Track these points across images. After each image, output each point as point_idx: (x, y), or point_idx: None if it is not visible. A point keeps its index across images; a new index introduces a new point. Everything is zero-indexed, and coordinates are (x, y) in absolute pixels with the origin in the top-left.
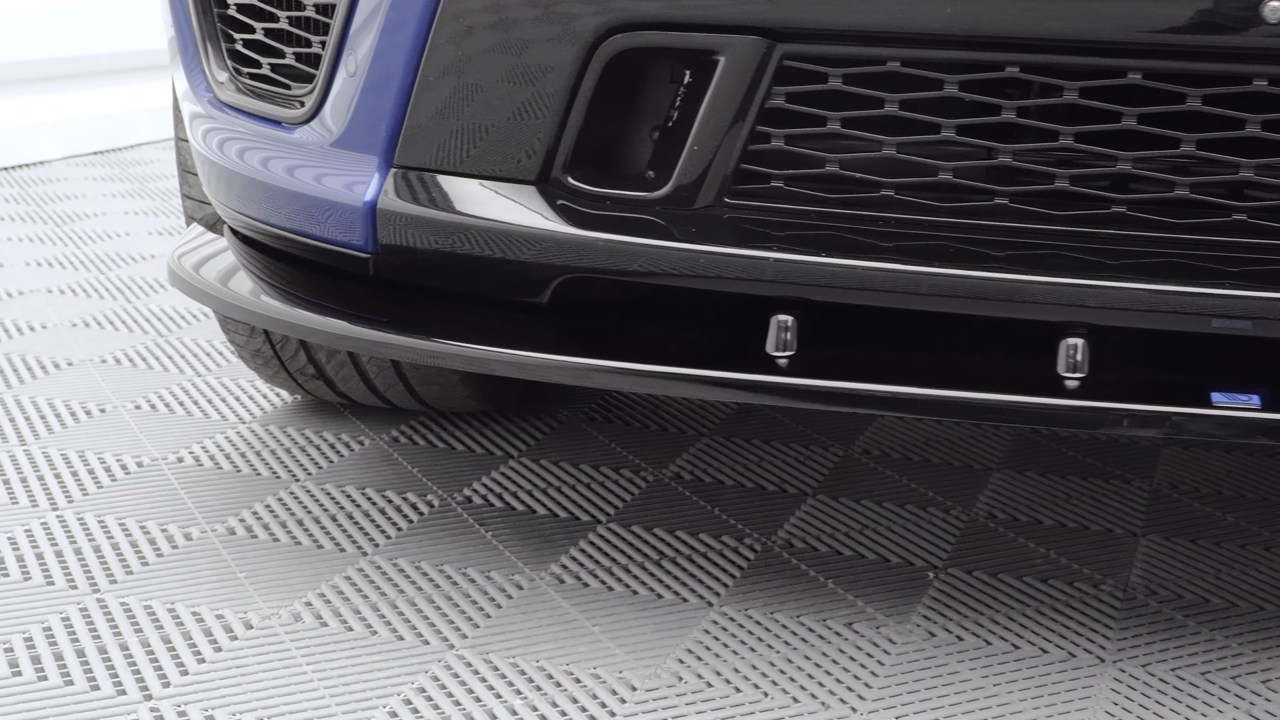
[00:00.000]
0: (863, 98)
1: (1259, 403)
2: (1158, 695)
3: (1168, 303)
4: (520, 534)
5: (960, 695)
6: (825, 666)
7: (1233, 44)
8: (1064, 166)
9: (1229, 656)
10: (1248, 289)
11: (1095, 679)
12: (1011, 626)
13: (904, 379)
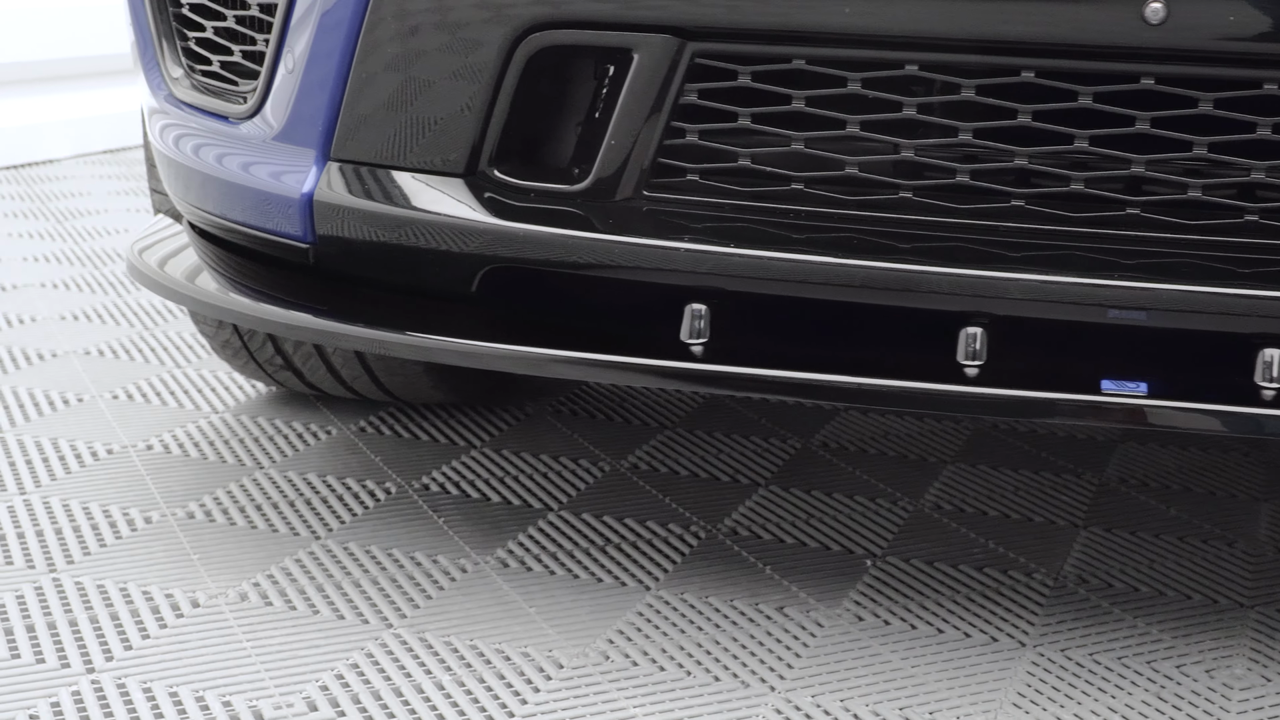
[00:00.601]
0: (771, 94)
1: (1146, 390)
2: (1071, 678)
3: (1063, 293)
4: (472, 520)
5: (878, 675)
6: (750, 648)
7: (1117, 43)
8: (965, 161)
9: (1148, 642)
10: (1140, 280)
11: (1013, 662)
12: (939, 612)
13: (809, 366)
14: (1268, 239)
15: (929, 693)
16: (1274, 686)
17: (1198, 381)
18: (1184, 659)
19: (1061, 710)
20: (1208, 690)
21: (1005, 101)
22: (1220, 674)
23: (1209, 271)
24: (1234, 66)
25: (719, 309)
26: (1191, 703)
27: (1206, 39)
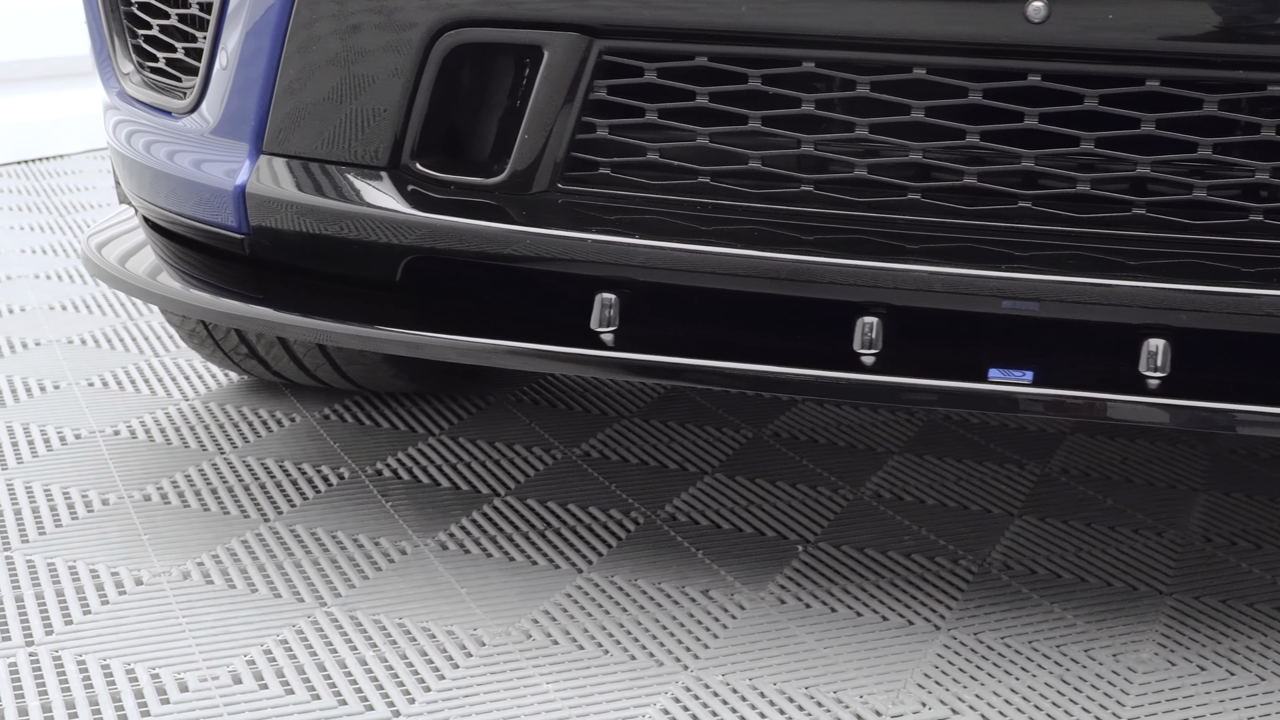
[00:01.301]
0: (676, 90)
1: (1031, 379)
2: (979, 660)
3: (954, 284)
4: (419, 504)
5: (790, 656)
6: (671, 628)
7: (1003, 40)
8: (864, 156)
9: (1061, 627)
10: (1031, 272)
11: (925, 645)
12: (861, 596)
13: (714, 353)
14: (1155, 232)
15: (837, 673)
16: (1177, 670)
17: (1084, 371)
18: (1093, 643)
19: (964, 690)
20: (1111, 674)
21: (900, 98)
22: (1126, 658)
23: (1095, 263)
24: (1116, 63)
25: (628, 298)
26: (1093, 685)
27: (1088, 36)
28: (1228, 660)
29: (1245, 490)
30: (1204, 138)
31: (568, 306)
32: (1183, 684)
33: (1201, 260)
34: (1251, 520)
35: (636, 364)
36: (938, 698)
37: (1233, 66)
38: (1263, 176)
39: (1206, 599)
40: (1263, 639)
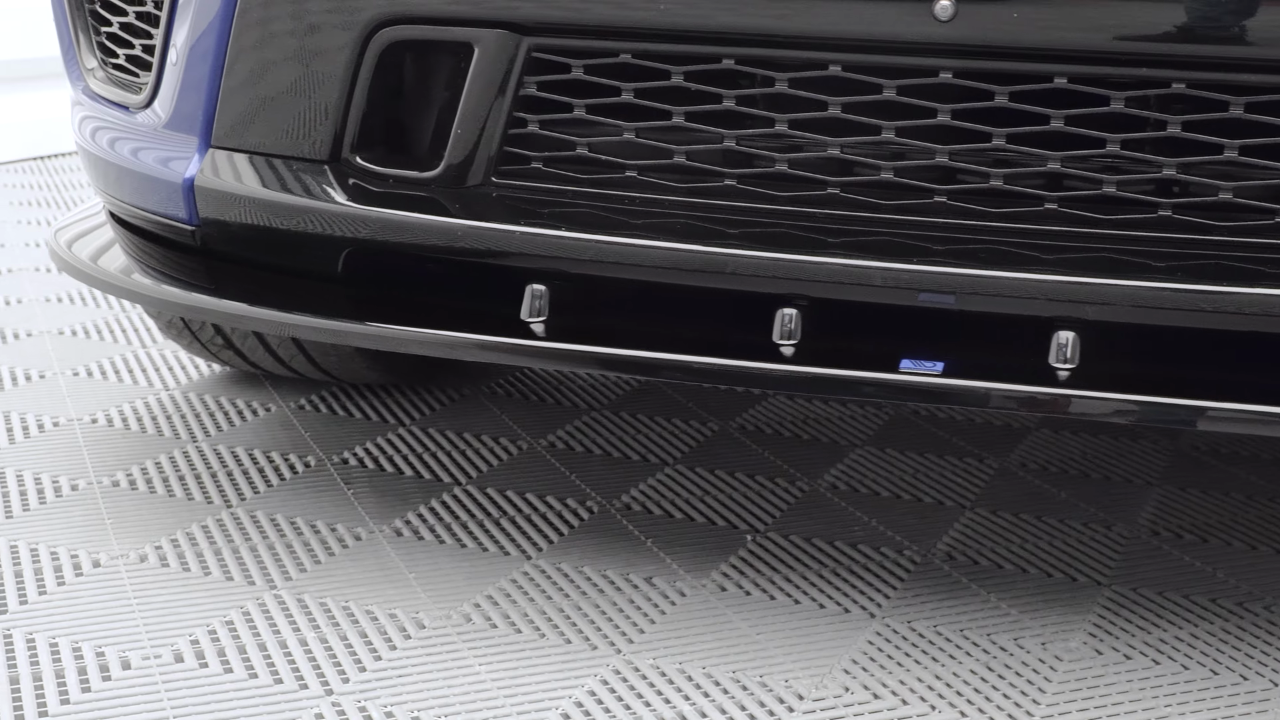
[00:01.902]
0: (603, 87)
1: (941, 369)
2: (908, 648)
3: (871, 277)
4: (379, 492)
5: (721, 641)
6: (610, 614)
7: (913, 39)
8: (785, 150)
9: (994, 616)
10: (942, 265)
11: (857, 632)
12: (801, 584)
13: (640, 343)
14: (1066, 226)
15: (766, 658)
16: (1103, 659)
17: (995, 362)
18: (1024, 632)
19: (888, 676)
20: (1037, 661)
21: (817, 94)
22: (1054, 646)
23: (1009, 257)
24: (1024, 61)
25: (557, 289)
26: (1017, 672)
27: (994, 34)
28: (1155, 650)
29: (1201, 485)
30: (1112, 134)
31: (499, 297)
32: (1106, 672)
33: (1111, 254)
34: (1202, 515)
35: (565, 353)
36: (861, 682)
37: (1138, 64)
38: (1170, 172)
39: (1144, 590)
40: (1193, 629)
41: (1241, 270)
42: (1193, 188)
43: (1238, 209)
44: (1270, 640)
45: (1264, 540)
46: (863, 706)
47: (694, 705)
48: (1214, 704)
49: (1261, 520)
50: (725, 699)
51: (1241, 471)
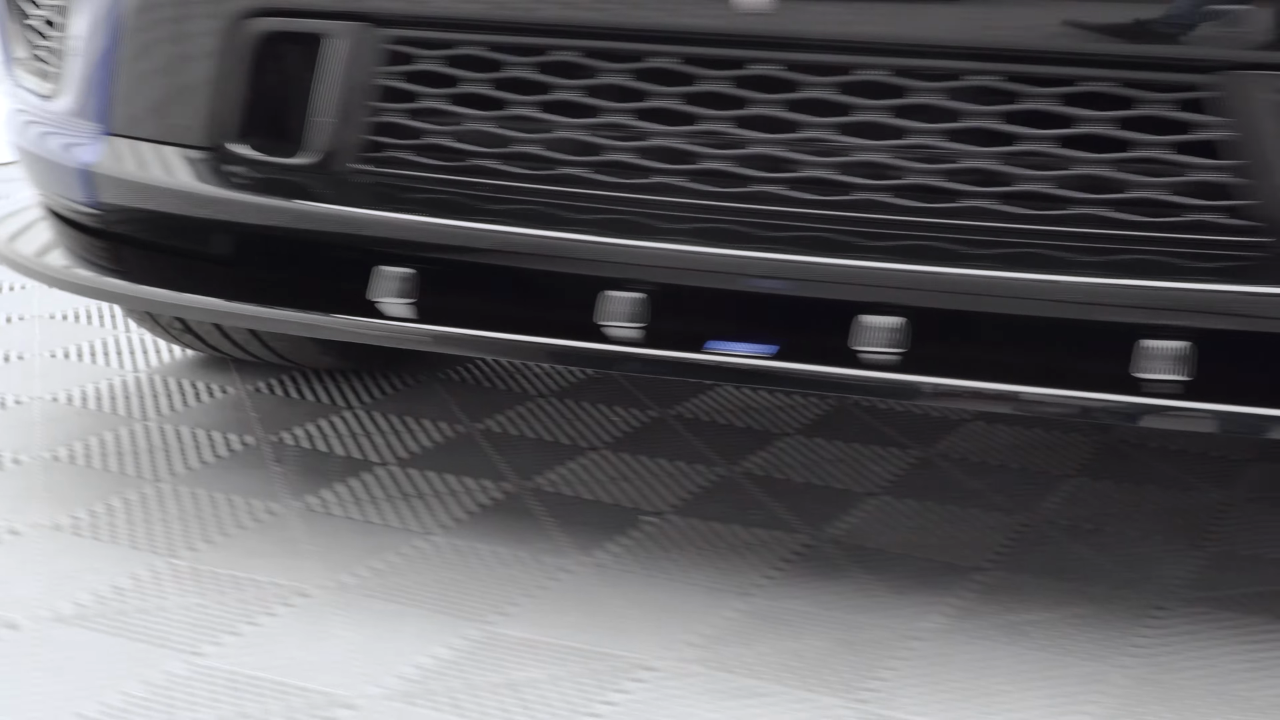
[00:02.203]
0: (451, 77)
1: (746, 350)
2: (768, 625)
3: (703, 262)
4: (304, 470)
5: (581, 612)
6: (489, 588)
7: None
8: (627, 139)
9: (862, 597)
10: (773, 252)
11: (717, 607)
12: (682, 562)
13: (480, 323)
14: (879, 214)
15: (621, 630)
16: (955, 639)
17: (811, 345)
18: (887, 612)
19: (742, 650)
20: (890, 640)
21: (640, 84)
22: (913, 626)
23: (820, 243)
24: (833, 53)
25: (404, 271)
26: (869, 650)
27: (794, 27)
28: (1011, 631)
29: (1116, 477)
30: (923, 124)
31: (350, 278)
32: (955, 652)
33: (927, 242)
34: (1106, 505)
35: (408, 332)
36: (713, 655)
37: (935, 56)
38: (984, 163)
39: (1021, 576)
40: (1057, 614)
41: (1046, 258)
42: (1004, 178)
43: (1044, 198)
44: (1129, 626)
45: (1159, 530)
46: (709, 678)
47: (543, 671)
48: (1055, 685)
49: (1164, 511)
50: (576, 666)
51: (1166, 464)
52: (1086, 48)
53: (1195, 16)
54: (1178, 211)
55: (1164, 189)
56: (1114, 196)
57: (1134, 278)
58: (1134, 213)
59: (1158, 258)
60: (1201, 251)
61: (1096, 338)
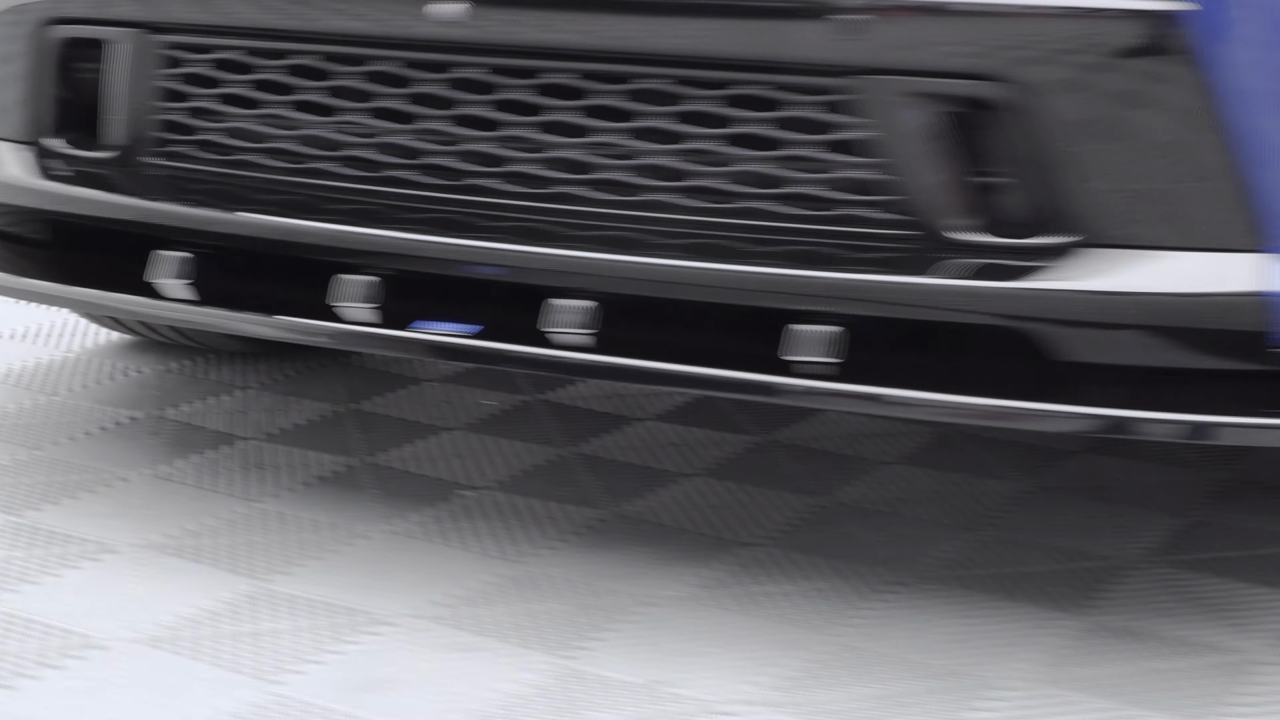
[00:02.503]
0: (218, 79)
1: (452, 330)
2: (527, 588)
3: (417, 248)
4: (173, 442)
5: (358, 574)
6: (287, 550)
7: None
8: (358, 137)
9: (621, 565)
10: (477, 240)
11: (480, 572)
12: (483, 534)
13: (234, 304)
14: (576, 206)
15: (414, 587)
16: (685, 602)
17: (509, 326)
18: (632, 579)
19: (480, 611)
20: (619, 603)
21: (369, 86)
22: (646, 593)
23: (517, 232)
24: (524, 58)
25: (179, 254)
26: (590, 610)
27: (487, 34)
28: (744, 600)
29: (935, 465)
30: (609, 124)
31: (133, 260)
32: (681, 616)
33: (613, 232)
34: (910, 491)
35: (177, 311)
36: (443, 611)
37: (611, 61)
38: (660, 160)
39: (786, 552)
40: (791, 586)
41: (718, 248)
42: (681, 173)
43: (719, 193)
44: (862, 599)
45: (947, 514)
46: (438, 633)
47: (289, 623)
48: (755, 650)
49: (962, 497)
50: (321, 620)
51: (991, 454)
52: (742, 53)
53: (829, 24)
54: (838, 206)
55: (825, 186)
56: (783, 192)
57: (790, 267)
58: (805, 208)
59: (817, 249)
60: (856, 244)
61: (755, 322)
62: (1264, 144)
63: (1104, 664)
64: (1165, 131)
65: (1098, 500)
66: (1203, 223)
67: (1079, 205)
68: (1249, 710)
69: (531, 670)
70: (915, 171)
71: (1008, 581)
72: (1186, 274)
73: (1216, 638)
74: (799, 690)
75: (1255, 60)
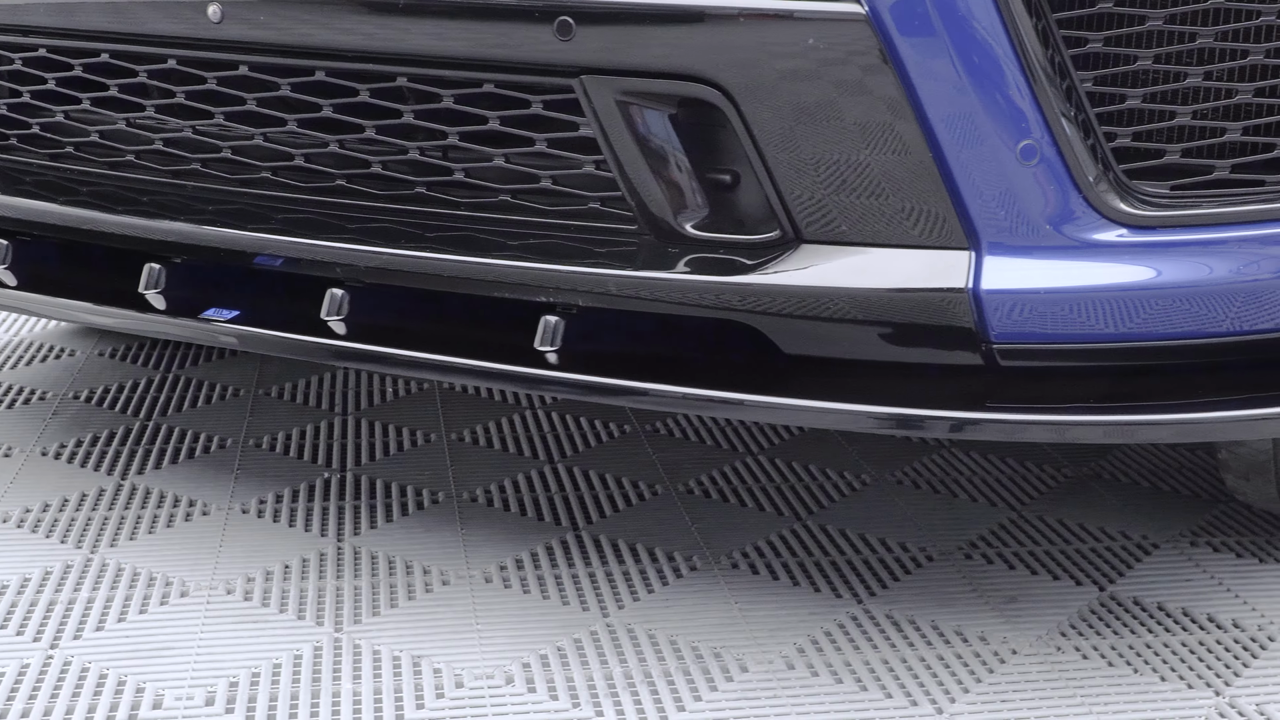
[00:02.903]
0: (36, 76)
1: (236, 316)
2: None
3: (197, 237)
4: (72, 421)
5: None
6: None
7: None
8: (155, 131)
9: (453, 546)
10: (278, 234)
11: (334, 553)
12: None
13: (55, 290)
14: (348, 199)
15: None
16: (493, 589)
17: (287, 314)
18: (449, 552)
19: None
20: (435, 583)
21: (157, 83)
22: (474, 568)
23: (302, 224)
24: (282, 56)
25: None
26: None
27: (261, 36)
28: (541, 586)
29: (799, 458)
30: (371, 120)
31: None
32: (485, 606)
33: (379, 225)
34: (741, 478)
35: (28, 302)
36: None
37: (360, 61)
38: (415, 156)
39: (601, 536)
40: (596, 569)
41: (468, 240)
42: (437, 169)
43: (473, 188)
44: (665, 584)
45: (752, 496)
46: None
47: None
48: (532, 623)
49: (805, 489)
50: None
51: (852, 445)
52: (476, 54)
53: (548, 26)
54: (582, 202)
55: (571, 182)
56: (533, 188)
57: (529, 260)
58: (554, 203)
59: (562, 243)
60: (598, 239)
61: (504, 313)
62: (964, 144)
63: (867, 650)
64: (866, 132)
65: (940, 493)
66: (910, 221)
67: (793, 203)
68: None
69: (308, 642)
70: (640, 169)
71: (813, 570)
72: (895, 270)
73: (987, 628)
74: (550, 669)
75: (946, 62)
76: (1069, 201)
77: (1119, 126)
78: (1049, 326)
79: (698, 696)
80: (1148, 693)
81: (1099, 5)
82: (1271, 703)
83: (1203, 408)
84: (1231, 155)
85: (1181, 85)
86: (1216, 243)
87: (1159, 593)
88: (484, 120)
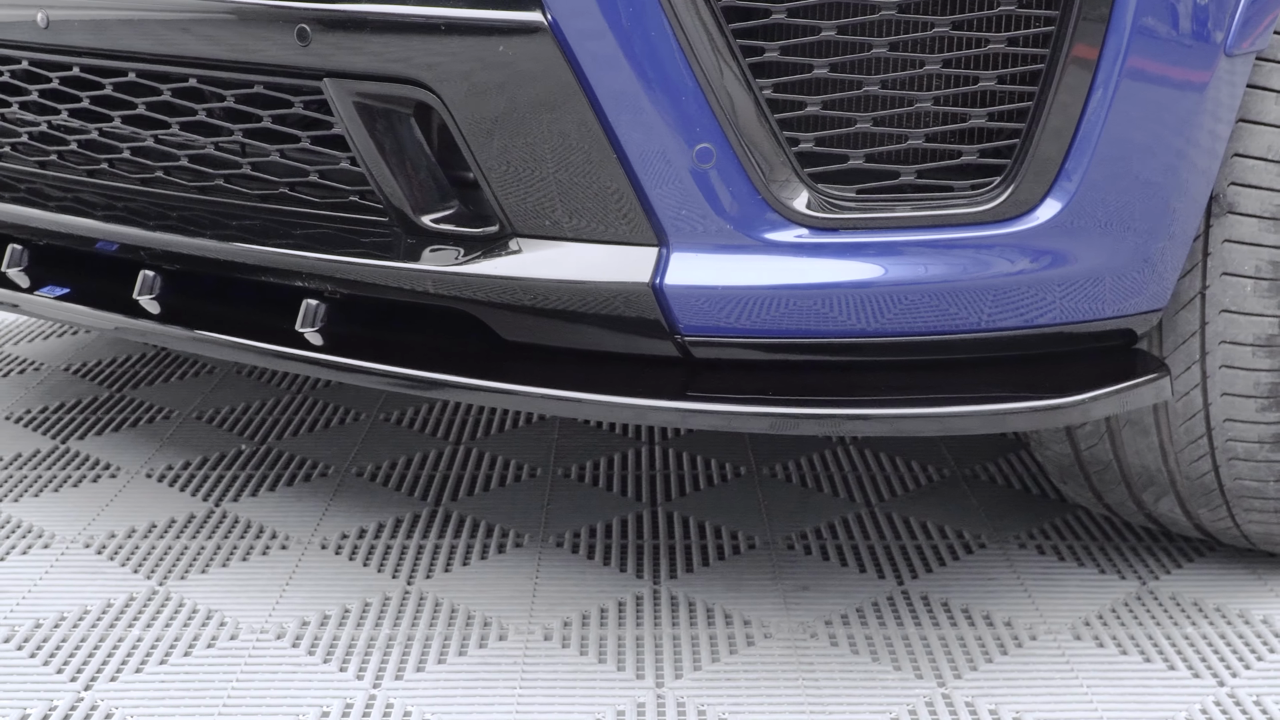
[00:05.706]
0: None
1: (66, 294)
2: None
3: (52, 224)
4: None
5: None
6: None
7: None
8: (18, 128)
9: (334, 514)
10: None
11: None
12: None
13: None
14: (162, 189)
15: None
16: (329, 556)
17: (102, 290)
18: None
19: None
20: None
21: (16, 82)
22: (308, 538)
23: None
24: (101, 59)
25: None
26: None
27: (88, 39)
28: (369, 556)
29: (678, 447)
30: (173, 117)
31: None
32: (309, 571)
33: (181, 212)
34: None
35: None
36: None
37: (142, 61)
38: (209, 151)
39: (454, 509)
40: (432, 541)
41: (250, 229)
42: (225, 163)
43: (251, 180)
44: (487, 560)
45: (649, 491)
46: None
47: None
48: (344, 588)
49: (675, 478)
50: None
51: (771, 444)
52: (242, 57)
53: (297, 30)
54: (341, 195)
55: (333, 176)
56: (304, 180)
57: (290, 248)
58: (324, 195)
59: (325, 232)
60: (361, 229)
61: (275, 297)
62: (645, 147)
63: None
64: (557, 135)
65: (808, 489)
66: (608, 219)
67: (505, 199)
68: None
69: (130, 593)
70: (380, 166)
71: (612, 551)
72: (589, 264)
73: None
74: (327, 628)
75: (624, 73)
76: (749, 203)
77: (801, 132)
78: (735, 321)
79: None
80: (876, 680)
81: (773, 16)
82: (984, 698)
83: (871, 405)
84: (918, 161)
85: (860, 93)
86: (895, 245)
87: (953, 592)
88: (259, 119)
